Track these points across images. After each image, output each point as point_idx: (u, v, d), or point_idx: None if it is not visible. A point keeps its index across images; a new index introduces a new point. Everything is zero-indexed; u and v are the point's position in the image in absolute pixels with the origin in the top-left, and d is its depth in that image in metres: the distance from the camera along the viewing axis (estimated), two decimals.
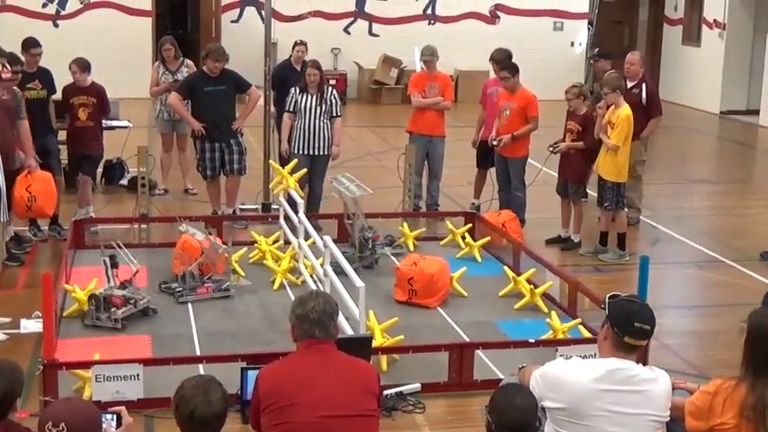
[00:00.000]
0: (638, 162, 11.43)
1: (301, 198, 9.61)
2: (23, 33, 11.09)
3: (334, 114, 11.00)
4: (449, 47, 18.84)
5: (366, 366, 5.00)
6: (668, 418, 4.59)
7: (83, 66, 10.76)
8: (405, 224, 10.61)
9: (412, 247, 10.23)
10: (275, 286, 9.03)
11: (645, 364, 4.86)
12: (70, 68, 10.77)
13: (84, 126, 10.78)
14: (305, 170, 10.27)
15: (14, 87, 9.69)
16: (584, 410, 4.47)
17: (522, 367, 5.22)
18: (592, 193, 10.77)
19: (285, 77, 11.99)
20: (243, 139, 11.23)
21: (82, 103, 10.75)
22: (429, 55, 11.90)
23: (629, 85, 11.28)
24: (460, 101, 19.39)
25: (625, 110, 10.12)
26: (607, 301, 4.73)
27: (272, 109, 11.79)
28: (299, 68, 12.46)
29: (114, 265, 8.32)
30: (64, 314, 8.15)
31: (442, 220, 11.07)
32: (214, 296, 8.70)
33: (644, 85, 11.34)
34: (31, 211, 9.66)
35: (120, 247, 8.66)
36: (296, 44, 13.13)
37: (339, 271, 7.82)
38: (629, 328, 4.55)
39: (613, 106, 10.16)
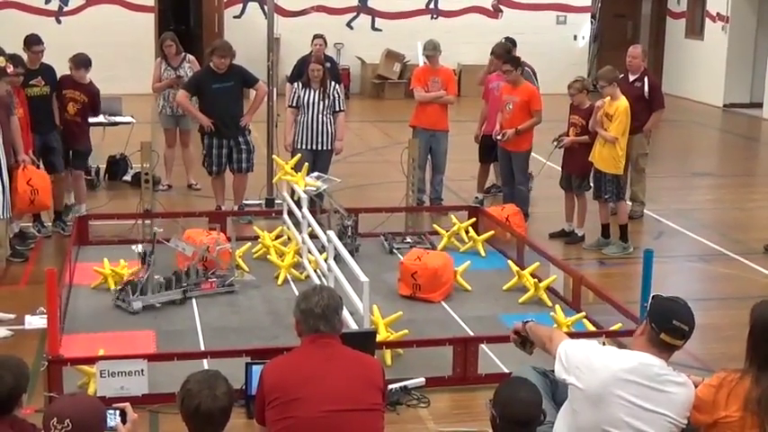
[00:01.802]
0: (640, 155, 11.44)
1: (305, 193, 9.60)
2: (26, 30, 11.08)
3: (337, 109, 11.01)
4: (451, 41, 18.90)
5: (370, 361, 5.01)
6: (684, 426, 4.59)
7: (77, 62, 10.71)
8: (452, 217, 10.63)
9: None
10: (279, 281, 9.04)
11: None
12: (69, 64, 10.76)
13: (71, 120, 10.76)
14: (298, 156, 10.30)
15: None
16: (606, 397, 4.49)
17: (529, 322, 5.24)
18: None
19: (303, 72, 11.91)
20: (251, 137, 11.21)
21: (73, 97, 10.72)
22: (431, 50, 11.91)
23: (632, 78, 11.29)
24: (463, 95, 19.40)
25: (622, 102, 10.13)
26: (650, 299, 4.75)
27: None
28: None
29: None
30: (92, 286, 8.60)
31: (446, 215, 11.07)
32: (219, 291, 8.71)
33: (646, 78, 11.34)
34: (34, 204, 9.64)
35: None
36: (315, 37, 13.15)
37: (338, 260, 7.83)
38: (666, 326, 4.56)
39: (610, 98, 10.17)
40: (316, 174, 10.02)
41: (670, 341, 4.57)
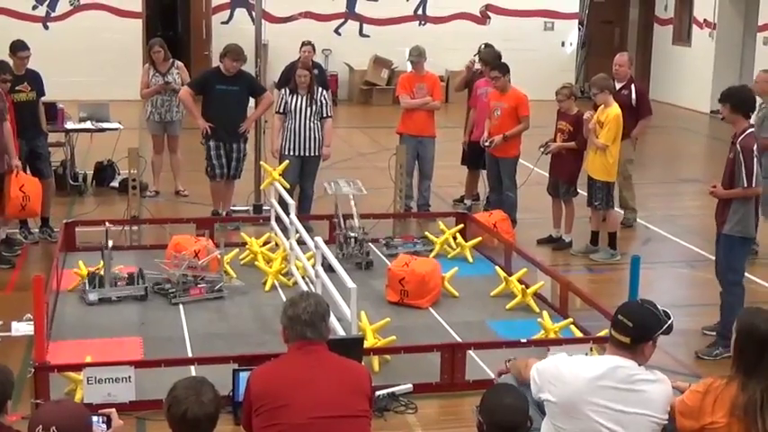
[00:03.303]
0: (626, 161, 11.45)
1: (287, 189, 9.65)
2: (13, 35, 11.04)
3: (325, 115, 10.99)
4: (439, 47, 18.89)
5: (358, 367, 5.01)
6: (666, 422, 4.61)
7: None
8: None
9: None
10: (267, 287, 9.02)
11: None
12: None
13: None
14: (286, 162, 10.32)
15: None
16: (581, 406, 4.50)
17: (510, 360, 5.24)
18: (582, 192, 10.78)
19: (290, 78, 11.89)
20: (245, 145, 11.22)
21: None
22: (416, 56, 11.92)
23: (618, 86, 11.29)
24: (451, 101, 19.41)
25: (614, 109, 10.17)
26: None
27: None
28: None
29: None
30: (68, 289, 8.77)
31: (434, 221, 11.07)
32: (207, 297, 8.69)
33: (633, 86, 11.37)
34: (25, 210, 9.66)
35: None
36: (303, 44, 13.14)
37: (328, 267, 7.85)
38: (613, 321, 4.66)
39: (602, 106, 10.22)
40: (345, 180, 10.30)
41: (616, 336, 4.61)
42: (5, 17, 20.18)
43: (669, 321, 4.64)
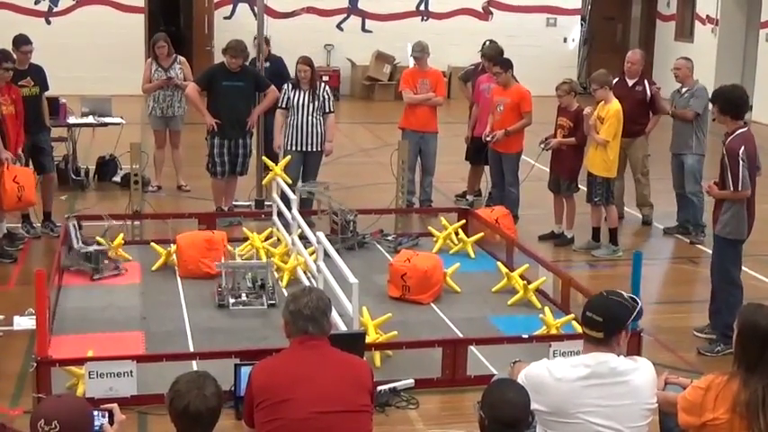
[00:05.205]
0: (644, 157, 11.48)
1: (289, 184, 9.67)
2: (15, 30, 11.03)
3: (327, 110, 10.99)
4: (442, 43, 18.92)
5: (359, 362, 5.01)
6: (656, 405, 4.64)
7: None
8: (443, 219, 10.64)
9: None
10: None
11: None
12: None
13: None
14: (288, 157, 10.34)
15: None
16: (572, 409, 4.50)
17: (515, 362, 5.23)
18: (583, 188, 10.77)
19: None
20: (251, 140, 11.22)
21: None
22: (419, 51, 11.92)
23: (630, 82, 11.30)
24: (453, 97, 19.39)
25: (614, 105, 10.17)
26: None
27: None
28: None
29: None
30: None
31: (436, 216, 11.07)
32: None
33: (646, 83, 11.39)
34: (21, 201, 9.62)
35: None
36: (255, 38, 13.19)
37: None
38: (583, 319, 4.67)
39: (603, 102, 10.22)
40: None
41: (588, 332, 4.63)
42: (8, 12, 20.22)
43: (638, 306, 4.67)
